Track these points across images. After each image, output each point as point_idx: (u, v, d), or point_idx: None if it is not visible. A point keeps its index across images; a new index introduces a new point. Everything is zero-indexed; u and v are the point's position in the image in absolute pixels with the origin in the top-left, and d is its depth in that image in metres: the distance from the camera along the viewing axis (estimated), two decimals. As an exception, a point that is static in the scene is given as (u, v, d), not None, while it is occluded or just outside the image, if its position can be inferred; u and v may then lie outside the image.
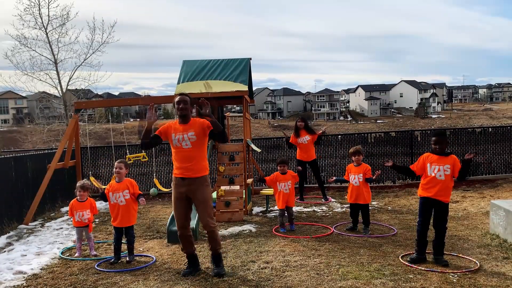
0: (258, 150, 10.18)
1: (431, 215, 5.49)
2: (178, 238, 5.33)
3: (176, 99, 5.20)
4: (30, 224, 8.37)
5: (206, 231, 5.22)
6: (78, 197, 6.38)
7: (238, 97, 9.14)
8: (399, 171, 5.61)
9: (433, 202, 5.42)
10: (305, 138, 9.59)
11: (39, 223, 8.55)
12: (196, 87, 8.95)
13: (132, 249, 6.00)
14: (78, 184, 6.48)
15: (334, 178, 7.57)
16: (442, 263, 5.33)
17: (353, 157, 7.19)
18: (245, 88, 8.89)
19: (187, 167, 5.10)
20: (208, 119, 5.03)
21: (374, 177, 6.95)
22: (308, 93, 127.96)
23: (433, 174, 5.39)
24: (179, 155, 5.13)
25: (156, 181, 9.86)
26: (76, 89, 20.10)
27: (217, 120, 5.25)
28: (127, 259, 5.90)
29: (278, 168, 7.45)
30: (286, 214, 7.37)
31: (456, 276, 4.95)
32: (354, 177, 7.09)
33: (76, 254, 6.27)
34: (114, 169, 5.95)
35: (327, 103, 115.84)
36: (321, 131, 10.03)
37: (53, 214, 9.47)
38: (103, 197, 5.95)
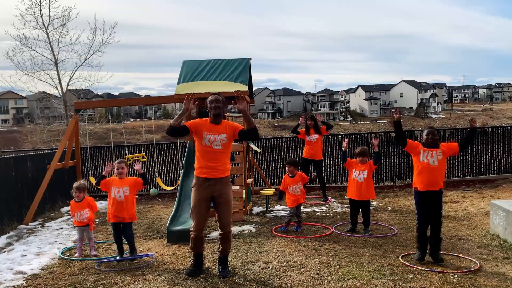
0: (258, 150, 10.19)
1: (429, 212, 5.47)
2: (192, 239, 5.20)
3: (210, 98, 5.17)
4: (30, 224, 8.37)
5: (222, 232, 5.17)
6: (75, 198, 6.39)
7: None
8: (398, 130, 5.62)
9: (428, 194, 5.41)
10: (314, 136, 9.69)
11: (39, 223, 8.55)
12: (196, 87, 8.95)
13: (134, 247, 6.01)
14: (74, 185, 6.45)
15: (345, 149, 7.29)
16: (438, 259, 5.36)
17: (358, 157, 7.15)
18: (245, 88, 8.89)
19: (214, 167, 5.08)
20: (244, 115, 5.09)
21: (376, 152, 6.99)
22: (308, 93, 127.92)
23: (426, 161, 5.42)
24: (208, 155, 5.08)
25: (158, 180, 9.87)
26: (76, 89, 20.14)
27: None
28: (131, 258, 5.92)
29: (287, 169, 7.43)
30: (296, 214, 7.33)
31: (456, 276, 4.95)
32: (359, 173, 7.02)
33: (76, 254, 6.27)
34: (115, 170, 5.98)
35: (327, 103, 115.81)
36: (320, 122, 9.99)
37: (53, 214, 9.47)
38: (99, 181, 6.01)
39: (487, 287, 4.63)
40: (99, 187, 6.19)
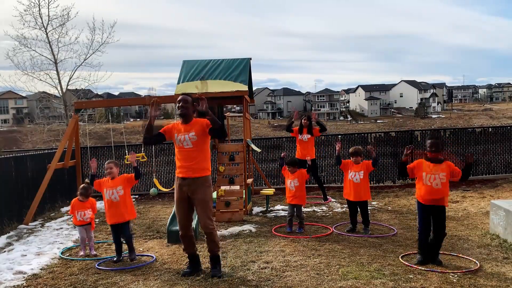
0: (258, 150, 10.19)
1: (431, 220, 5.45)
2: (180, 238, 5.33)
3: (178, 98, 5.26)
4: (30, 224, 8.37)
5: (204, 232, 5.22)
6: (80, 198, 6.42)
7: (238, 97, 9.14)
8: (402, 170, 5.63)
9: (431, 208, 5.40)
10: (306, 136, 9.70)
11: (39, 223, 8.55)
12: (196, 87, 8.95)
13: (132, 247, 6.01)
14: (81, 189, 6.50)
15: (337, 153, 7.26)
16: (437, 262, 5.36)
17: (352, 157, 7.16)
18: (245, 88, 8.89)
19: (188, 166, 5.12)
20: (206, 116, 5.05)
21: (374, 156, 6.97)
22: (308, 93, 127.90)
23: (429, 184, 5.35)
24: (181, 155, 5.17)
25: (156, 181, 9.87)
26: (76, 89, 20.12)
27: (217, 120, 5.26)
28: (130, 257, 5.93)
29: (287, 169, 7.44)
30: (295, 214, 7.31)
31: (456, 276, 4.95)
32: (355, 174, 7.01)
33: (81, 253, 6.29)
34: (105, 171, 6.01)
35: (327, 103, 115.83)
36: (314, 124, 10.02)
37: (53, 214, 9.47)
38: (92, 181, 6.03)
39: (487, 287, 4.63)
40: (92, 187, 6.24)
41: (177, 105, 5.21)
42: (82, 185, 6.60)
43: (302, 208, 7.47)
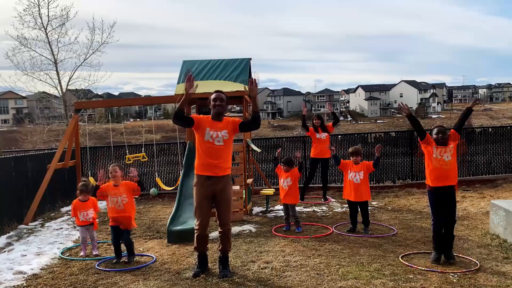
0: (258, 150, 10.18)
1: (444, 209, 5.45)
2: (195, 238, 5.22)
3: (213, 96, 5.20)
4: (30, 224, 8.37)
5: (222, 230, 5.20)
6: (81, 197, 6.42)
7: (238, 97, 9.13)
8: (414, 123, 5.61)
9: (443, 191, 5.40)
10: (324, 134, 9.79)
11: (39, 223, 8.55)
12: (196, 87, 8.94)
13: (132, 251, 5.99)
14: (80, 186, 6.49)
15: (334, 153, 7.34)
16: (451, 257, 5.38)
17: (351, 157, 7.17)
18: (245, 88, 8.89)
19: (215, 164, 5.08)
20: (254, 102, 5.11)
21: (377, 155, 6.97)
22: (308, 93, 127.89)
23: (439, 157, 5.42)
24: (209, 151, 5.09)
25: (158, 180, 9.87)
26: (76, 89, 20.09)
27: None
28: (126, 259, 5.90)
29: (282, 167, 7.45)
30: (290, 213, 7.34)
31: (456, 276, 4.95)
32: (355, 175, 7.03)
33: (81, 254, 6.29)
34: (109, 174, 5.96)
35: (327, 103, 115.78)
36: (331, 114, 10.35)
37: (53, 214, 9.47)
38: (95, 192, 5.96)
39: (487, 287, 4.63)
40: (95, 197, 6.18)
41: (213, 102, 5.15)
42: (81, 183, 6.57)
43: (296, 207, 7.46)
